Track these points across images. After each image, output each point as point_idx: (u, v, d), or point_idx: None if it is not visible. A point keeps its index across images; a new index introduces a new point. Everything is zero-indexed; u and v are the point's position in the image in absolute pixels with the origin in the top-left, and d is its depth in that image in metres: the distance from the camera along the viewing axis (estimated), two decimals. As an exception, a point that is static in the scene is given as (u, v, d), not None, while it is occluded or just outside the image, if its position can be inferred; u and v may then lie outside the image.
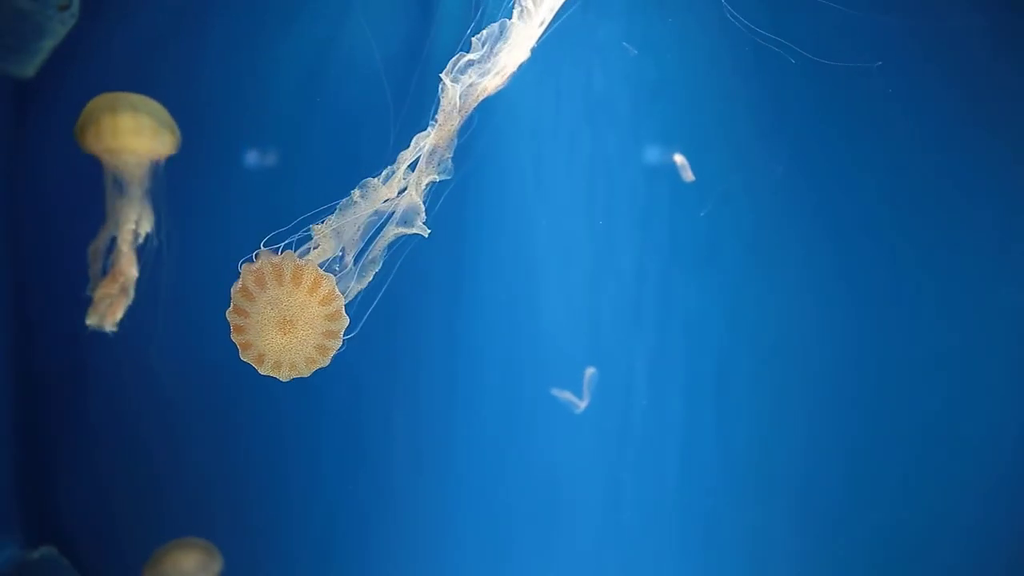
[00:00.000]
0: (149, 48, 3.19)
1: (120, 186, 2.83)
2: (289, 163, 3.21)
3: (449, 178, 1.96)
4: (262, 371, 1.86)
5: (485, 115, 3.13)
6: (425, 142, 1.90)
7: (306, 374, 1.88)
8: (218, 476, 3.37)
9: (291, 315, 1.80)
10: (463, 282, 3.33)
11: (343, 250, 1.93)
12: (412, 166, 1.97)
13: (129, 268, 2.84)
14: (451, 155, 1.97)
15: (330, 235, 1.88)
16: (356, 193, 1.92)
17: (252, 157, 3.22)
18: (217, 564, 3.18)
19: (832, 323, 3.18)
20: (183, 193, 3.05)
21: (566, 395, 3.27)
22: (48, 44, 3.17)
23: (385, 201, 1.95)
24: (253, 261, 1.80)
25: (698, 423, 3.30)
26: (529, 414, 3.37)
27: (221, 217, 3.21)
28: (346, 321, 1.87)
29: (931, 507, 3.17)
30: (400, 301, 3.35)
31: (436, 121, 1.91)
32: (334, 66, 3.14)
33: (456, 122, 1.92)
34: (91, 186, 3.24)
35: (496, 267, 3.32)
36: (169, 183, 3.02)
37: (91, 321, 2.86)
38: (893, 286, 3.13)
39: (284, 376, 1.87)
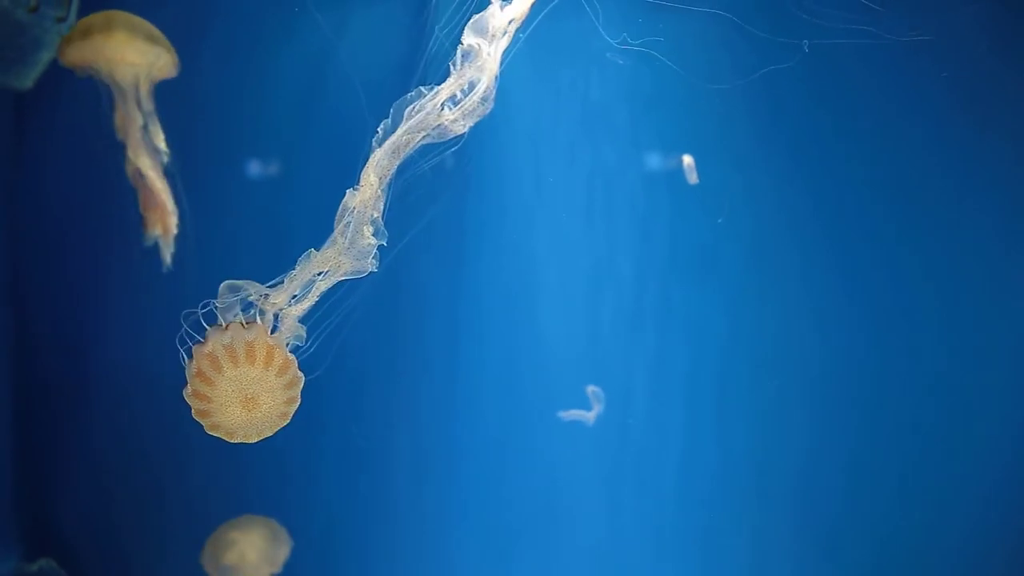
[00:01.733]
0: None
1: (123, 102, 2.82)
2: (285, 174, 3.22)
3: (384, 243, 1.93)
4: (232, 440, 1.87)
5: (484, 124, 3.15)
6: (354, 202, 1.88)
7: (270, 434, 1.89)
8: (217, 487, 3.36)
9: (252, 392, 1.81)
10: (464, 290, 3.33)
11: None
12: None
13: (157, 182, 2.84)
14: (381, 215, 1.94)
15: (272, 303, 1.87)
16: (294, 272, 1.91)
17: (248, 168, 3.22)
18: (284, 548, 3.09)
19: (832, 329, 3.18)
20: (178, 196, 3.05)
21: (574, 414, 3.26)
22: (46, 56, 3.17)
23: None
24: (203, 343, 1.79)
25: (698, 430, 3.29)
26: (529, 421, 3.36)
27: (218, 224, 3.21)
28: (302, 382, 1.86)
29: (930, 515, 3.16)
30: (401, 309, 3.36)
31: (359, 183, 1.89)
32: (330, 79, 3.14)
33: (377, 184, 1.90)
34: (90, 195, 3.24)
35: (496, 275, 3.32)
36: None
37: (150, 237, 2.87)
38: (893, 292, 3.13)
39: (254, 439, 1.88)
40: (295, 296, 1.87)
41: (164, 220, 2.90)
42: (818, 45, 2.74)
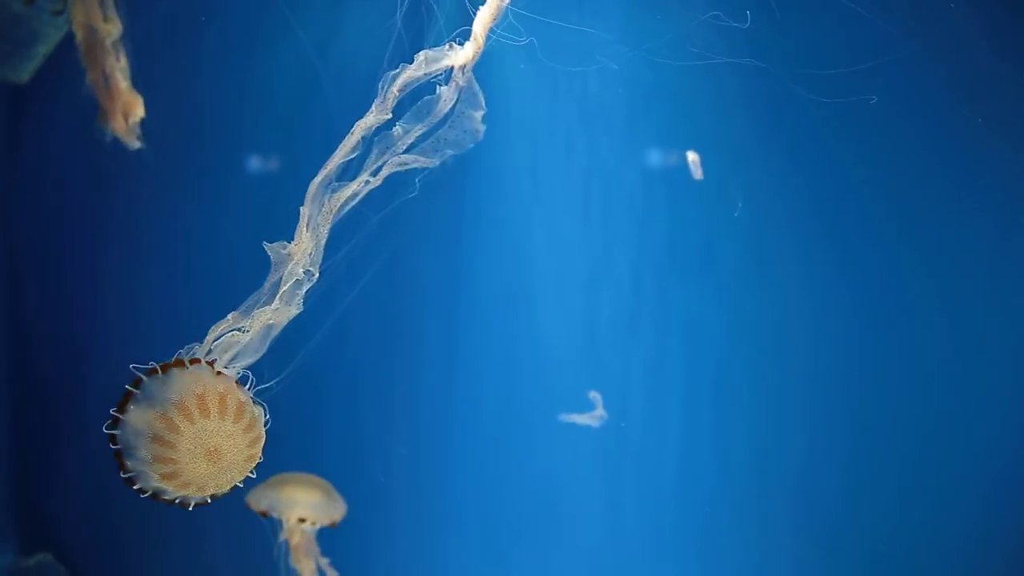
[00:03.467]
0: (142, 52, 3.18)
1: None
2: (283, 168, 3.21)
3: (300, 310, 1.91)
4: (205, 495, 1.86)
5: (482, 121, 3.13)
6: (288, 250, 1.85)
7: (239, 480, 1.88)
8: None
9: (214, 443, 1.80)
10: (461, 288, 3.32)
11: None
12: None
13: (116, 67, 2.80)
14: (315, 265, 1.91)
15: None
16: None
17: (246, 167, 3.21)
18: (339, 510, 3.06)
19: (831, 327, 3.17)
20: (177, 196, 3.04)
21: (577, 418, 3.25)
22: (42, 50, 3.16)
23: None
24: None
25: (696, 429, 3.29)
26: (528, 421, 3.36)
27: (213, 222, 3.21)
28: (261, 420, 1.86)
29: (931, 513, 3.16)
30: (398, 307, 3.35)
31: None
32: (327, 71, 3.12)
33: (309, 239, 1.88)
34: (88, 191, 3.23)
35: (494, 274, 3.31)
36: (163, 185, 3.01)
37: (110, 130, 2.83)
38: (892, 290, 3.12)
39: (226, 487, 1.86)
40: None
41: (133, 109, 2.87)
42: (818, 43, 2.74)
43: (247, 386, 1.84)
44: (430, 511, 3.40)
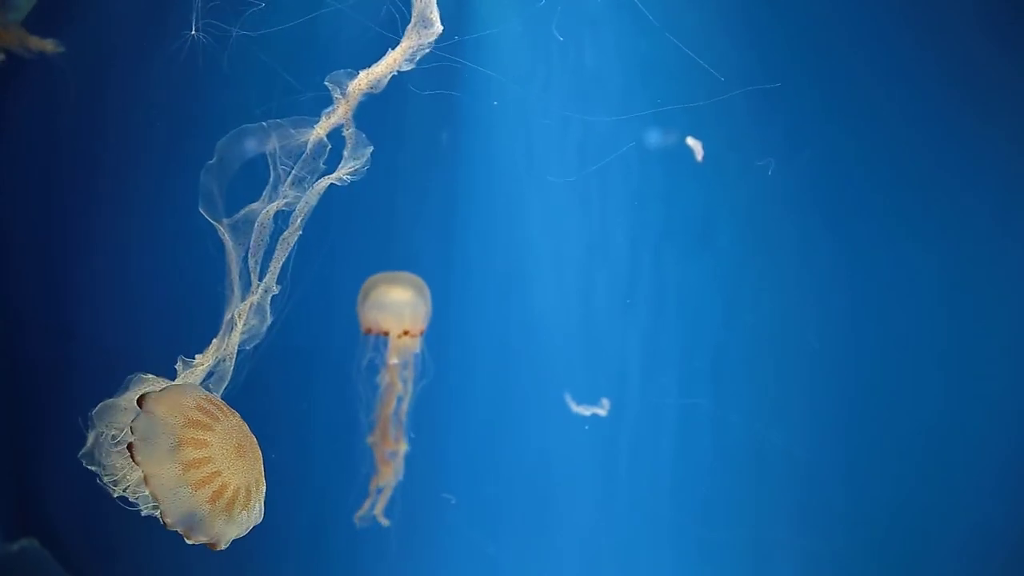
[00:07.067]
0: (130, 28, 3.11)
1: None
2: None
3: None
4: (258, 511, 1.81)
5: (475, 97, 3.07)
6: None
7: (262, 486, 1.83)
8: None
9: (235, 439, 1.75)
10: (454, 266, 3.29)
11: None
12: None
13: None
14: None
15: None
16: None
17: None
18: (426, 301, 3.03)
19: (829, 307, 3.15)
20: (171, 190, 2.98)
21: (575, 404, 3.23)
22: (15, 18, 3.07)
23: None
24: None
25: (693, 410, 3.27)
26: (521, 401, 3.34)
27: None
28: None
29: (932, 501, 3.16)
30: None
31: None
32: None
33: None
34: (76, 173, 3.16)
35: (488, 251, 3.28)
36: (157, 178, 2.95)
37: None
38: (892, 269, 3.11)
39: (256, 503, 1.81)
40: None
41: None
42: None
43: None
44: (421, 497, 3.37)
